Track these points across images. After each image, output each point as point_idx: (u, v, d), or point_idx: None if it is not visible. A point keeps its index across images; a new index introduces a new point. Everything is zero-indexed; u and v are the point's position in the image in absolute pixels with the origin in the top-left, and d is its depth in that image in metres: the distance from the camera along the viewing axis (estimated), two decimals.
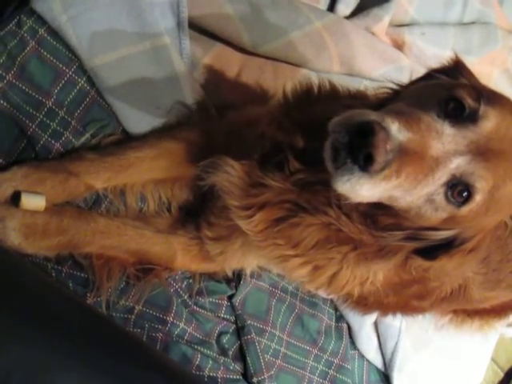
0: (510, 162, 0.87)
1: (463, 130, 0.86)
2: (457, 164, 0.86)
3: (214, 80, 1.44)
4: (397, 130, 0.81)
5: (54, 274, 1.23)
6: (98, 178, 1.23)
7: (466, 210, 0.88)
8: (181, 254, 1.28)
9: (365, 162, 0.81)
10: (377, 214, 0.98)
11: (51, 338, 0.89)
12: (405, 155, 0.82)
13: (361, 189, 0.83)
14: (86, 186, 1.23)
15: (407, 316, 1.54)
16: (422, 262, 1.00)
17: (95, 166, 1.22)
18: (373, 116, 0.82)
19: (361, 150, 0.81)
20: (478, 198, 0.87)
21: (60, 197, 1.22)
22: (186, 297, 1.36)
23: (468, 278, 1.32)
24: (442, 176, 0.86)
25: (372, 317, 1.61)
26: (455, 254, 0.97)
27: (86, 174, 1.22)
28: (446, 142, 0.85)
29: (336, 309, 1.63)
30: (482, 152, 0.86)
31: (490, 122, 0.87)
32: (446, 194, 0.88)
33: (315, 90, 1.16)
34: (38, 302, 0.93)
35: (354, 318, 1.61)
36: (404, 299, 1.31)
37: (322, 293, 1.52)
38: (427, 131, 0.84)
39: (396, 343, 1.64)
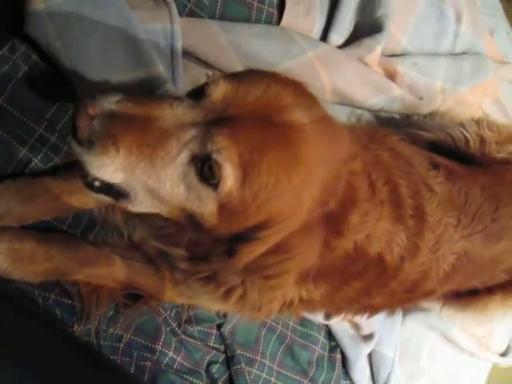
0: (251, 121, 0.80)
1: (200, 103, 0.83)
2: (191, 135, 0.80)
3: None
4: (112, 101, 0.78)
5: (40, 301, 1.22)
6: (90, 196, 1.22)
7: (224, 189, 0.80)
8: (169, 286, 1.26)
9: (73, 135, 0.78)
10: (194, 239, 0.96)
11: None
12: (118, 123, 0.77)
13: (93, 168, 0.80)
14: (79, 203, 1.23)
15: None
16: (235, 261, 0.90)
17: None
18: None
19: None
20: (228, 169, 0.79)
21: (52, 213, 1.23)
22: (174, 325, 1.35)
23: (465, 246, 1.30)
24: (179, 151, 0.81)
25: (369, 347, 1.60)
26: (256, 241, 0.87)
27: (79, 192, 1.21)
28: (179, 114, 0.81)
29: (330, 339, 1.61)
30: (218, 121, 0.80)
31: (219, 89, 0.82)
32: (199, 175, 0.81)
33: None
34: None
35: (351, 348, 1.59)
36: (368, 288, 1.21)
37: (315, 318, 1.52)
38: (154, 104, 0.80)
39: (389, 374, 1.62)
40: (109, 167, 0.82)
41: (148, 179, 0.84)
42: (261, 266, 0.92)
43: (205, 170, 0.80)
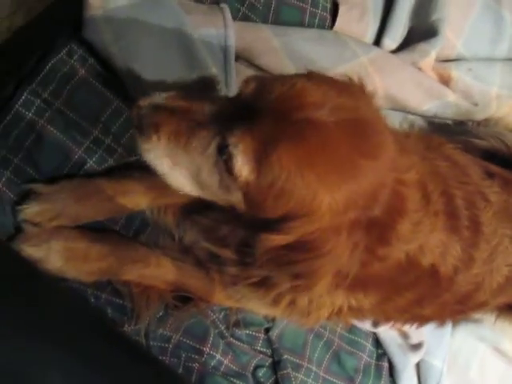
0: (270, 116, 0.82)
1: (233, 99, 0.89)
2: (219, 128, 0.86)
3: None
4: (161, 96, 0.89)
5: (92, 300, 1.24)
6: (144, 197, 1.25)
7: (241, 179, 0.83)
8: (219, 289, 1.26)
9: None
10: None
11: None
12: (161, 113, 0.87)
13: (143, 152, 0.92)
14: (131, 204, 1.25)
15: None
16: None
17: (141, 185, 1.24)
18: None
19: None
20: (243, 161, 0.82)
21: (105, 213, 1.26)
22: (223, 328, 1.35)
23: None
24: (209, 142, 0.86)
25: (417, 357, 1.58)
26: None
27: (132, 193, 1.24)
28: (214, 109, 0.87)
29: (378, 347, 1.59)
30: (241, 115, 0.84)
31: (249, 86, 0.87)
32: (225, 164, 0.85)
33: None
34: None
35: (399, 357, 1.56)
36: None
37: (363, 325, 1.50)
38: (198, 100, 0.88)
39: None
40: (153, 152, 0.92)
41: (187, 166, 0.91)
42: (287, 262, 0.90)
43: (224, 156, 0.85)
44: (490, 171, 1.34)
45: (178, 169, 0.93)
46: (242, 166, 0.83)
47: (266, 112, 0.82)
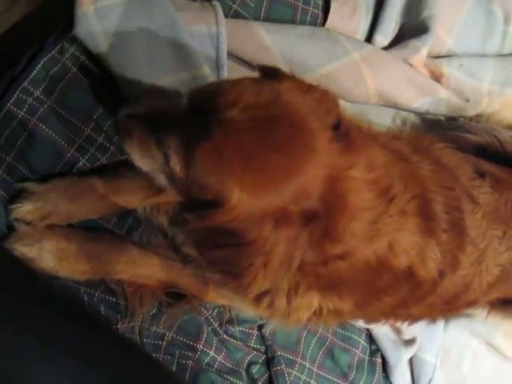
0: (197, 120, 0.88)
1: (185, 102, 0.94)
2: (165, 132, 0.94)
3: None
4: (135, 107, 1.01)
5: (86, 298, 1.24)
6: (136, 195, 1.25)
7: (177, 174, 0.91)
8: (212, 288, 1.27)
9: None
10: None
11: None
12: (131, 120, 0.98)
13: (129, 156, 1.02)
14: (124, 203, 1.25)
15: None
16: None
17: (134, 183, 1.24)
18: None
19: None
20: (172, 158, 0.91)
21: (98, 212, 1.26)
22: (216, 325, 1.36)
23: (511, 257, 1.27)
24: (158, 144, 0.94)
25: (410, 352, 1.59)
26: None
27: (125, 192, 1.24)
28: (168, 115, 0.95)
29: (371, 342, 1.59)
30: (182, 118, 0.92)
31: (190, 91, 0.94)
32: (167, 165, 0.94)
33: None
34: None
35: (392, 352, 1.57)
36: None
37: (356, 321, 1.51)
38: (158, 108, 0.99)
39: (430, 380, 1.60)
40: (132, 155, 1.01)
41: (151, 165, 0.99)
42: (220, 257, 0.95)
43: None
44: (482, 170, 1.34)
45: (148, 168, 1.01)
46: (175, 165, 0.90)
47: (192, 115, 0.89)
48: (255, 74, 0.99)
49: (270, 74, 0.96)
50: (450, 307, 1.32)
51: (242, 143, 0.85)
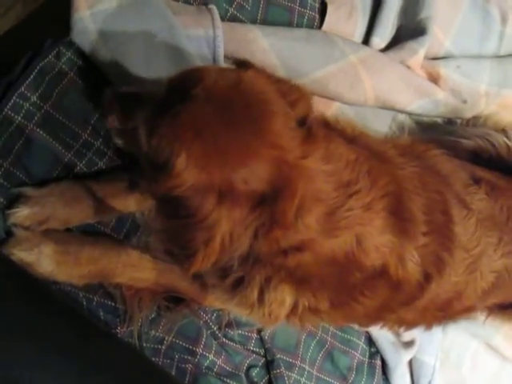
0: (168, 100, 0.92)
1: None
2: (143, 111, 0.99)
3: None
4: (121, 88, 1.10)
5: (84, 302, 1.24)
6: (134, 199, 1.25)
7: (143, 147, 0.96)
8: (210, 291, 1.26)
9: None
10: None
11: None
12: (115, 100, 1.07)
13: (113, 135, 1.10)
14: (121, 206, 1.25)
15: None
16: None
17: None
18: None
19: None
20: (141, 131, 0.96)
21: (95, 216, 1.26)
22: (215, 328, 1.36)
23: (506, 263, 1.27)
24: (135, 119, 0.99)
25: (409, 354, 1.59)
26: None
27: (122, 196, 1.24)
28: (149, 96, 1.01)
29: (370, 345, 1.59)
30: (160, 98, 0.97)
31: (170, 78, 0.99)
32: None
33: None
34: None
35: (391, 354, 1.58)
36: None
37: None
38: (141, 91, 1.07)
39: (429, 382, 1.60)
40: (111, 130, 1.10)
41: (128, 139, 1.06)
42: (166, 215, 0.95)
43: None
44: (477, 176, 1.33)
45: (125, 143, 1.10)
46: (141, 137, 0.95)
47: (165, 94, 0.95)
48: None
49: (241, 64, 0.99)
50: (445, 314, 1.31)
51: (199, 116, 0.88)
